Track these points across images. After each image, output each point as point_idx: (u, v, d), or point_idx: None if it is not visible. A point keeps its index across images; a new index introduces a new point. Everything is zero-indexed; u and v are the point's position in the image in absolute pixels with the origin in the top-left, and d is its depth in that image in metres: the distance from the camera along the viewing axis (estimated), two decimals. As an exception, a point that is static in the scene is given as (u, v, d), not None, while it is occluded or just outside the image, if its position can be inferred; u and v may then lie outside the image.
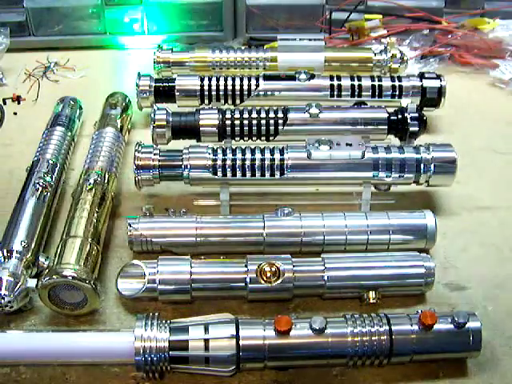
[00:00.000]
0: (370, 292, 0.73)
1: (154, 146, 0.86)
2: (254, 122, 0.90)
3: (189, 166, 0.83)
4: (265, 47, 1.08)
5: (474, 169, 0.95)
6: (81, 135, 1.00)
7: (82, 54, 1.21)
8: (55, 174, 0.86)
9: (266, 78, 0.98)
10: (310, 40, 1.05)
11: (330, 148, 0.83)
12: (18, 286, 0.69)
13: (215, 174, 0.83)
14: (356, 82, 0.97)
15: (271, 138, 0.91)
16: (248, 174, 0.83)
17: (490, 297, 0.76)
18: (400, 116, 0.91)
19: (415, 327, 0.66)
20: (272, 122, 0.90)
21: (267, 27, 1.24)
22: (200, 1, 1.22)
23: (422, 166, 0.84)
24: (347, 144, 0.84)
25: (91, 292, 0.70)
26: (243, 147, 0.85)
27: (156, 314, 0.66)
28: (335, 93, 0.97)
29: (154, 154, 0.84)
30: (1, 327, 0.70)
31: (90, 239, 0.75)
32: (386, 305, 0.74)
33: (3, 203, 0.86)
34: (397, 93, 0.98)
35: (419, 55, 1.19)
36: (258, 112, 0.90)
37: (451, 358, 0.68)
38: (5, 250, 0.73)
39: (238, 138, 0.91)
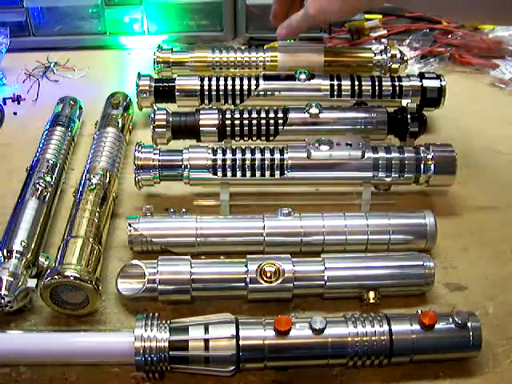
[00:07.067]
0: (370, 292, 0.73)
1: (154, 145, 0.86)
2: (254, 122, 0.90)
3: (189, 166, 0.83)
4: (265, 47, 1.08)
5: (474, 169, 0.95)
6: (81, 135, 1.00)
7: (82, 54, 1.21)
8: (55, 174, 0.86)
9: (266, 77, 0.97)
10: (309, 40, 1.05)
11: (330, 148, 0.83)
12: (17, 286, 0.69)
13: (215, 174, 0.83)
14: (356, 82, 0.97)
15: (271, 138, 0.91)
16: (248, 174, 0.83)
17: (490, 297, 0.76)
18: (400, 116, 0.91)
19: (415, 327, 0.66)
20: (272, 121, 0.90)
21: (267, 27, 1.23)
22: (200, 1, 1.22)
23: (421, 165, 0.84)
24: (347, 144, 0.84)
25: (93, 292, 0.70)
26: (243, 147, 0.85)
27: (156, 314, 0.66)
28: (335, 93, 0.97)
29: (154, 154, 0.84)
30: (1, 327, 0.70)
31: (91, 239, 0.75)
32: (386, 305, 0.74)
33: (3, 203, 0.86)
34: (397, 93, 0.98)
35: (419, 55, 1.18)
36: (258, 112, 0.90)
37: (451, 358, 0.68)
38: (5, 250, 0.73)
39: (237, 138, 0.91)
